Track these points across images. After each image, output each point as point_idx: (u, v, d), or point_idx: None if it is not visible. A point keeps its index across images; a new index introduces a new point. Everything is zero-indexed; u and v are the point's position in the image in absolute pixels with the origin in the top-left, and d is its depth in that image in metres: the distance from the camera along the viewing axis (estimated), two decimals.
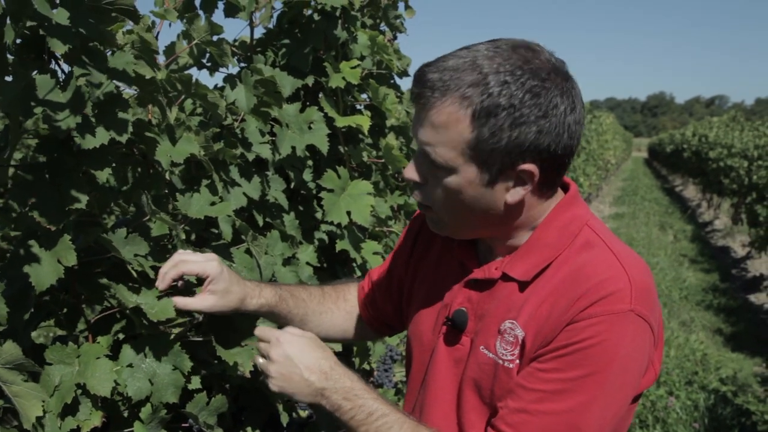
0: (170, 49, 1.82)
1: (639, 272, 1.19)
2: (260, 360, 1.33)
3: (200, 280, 1.44)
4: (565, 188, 1.33)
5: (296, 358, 1.27)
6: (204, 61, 1.94)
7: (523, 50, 1.15)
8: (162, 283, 1.38)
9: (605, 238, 1.24)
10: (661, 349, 1.26)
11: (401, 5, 2.66)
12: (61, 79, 1.26)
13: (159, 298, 1.40)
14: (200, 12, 1.79)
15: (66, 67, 1.30)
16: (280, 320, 1.56)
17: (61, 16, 1.18)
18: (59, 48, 1.17)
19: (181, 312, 1.42)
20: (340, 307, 1.67)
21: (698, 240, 14.10)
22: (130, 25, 1.46)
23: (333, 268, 2.36)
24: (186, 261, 1.40)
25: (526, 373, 1.19)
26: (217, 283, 1.41)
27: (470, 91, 1.12)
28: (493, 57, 1.13)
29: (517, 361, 1.21)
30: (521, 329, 1.21)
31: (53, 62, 1.32)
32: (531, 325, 1.20)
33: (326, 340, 1.65)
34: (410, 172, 1.23)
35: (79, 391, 1.32)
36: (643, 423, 4.96)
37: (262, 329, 1.35)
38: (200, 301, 1.41)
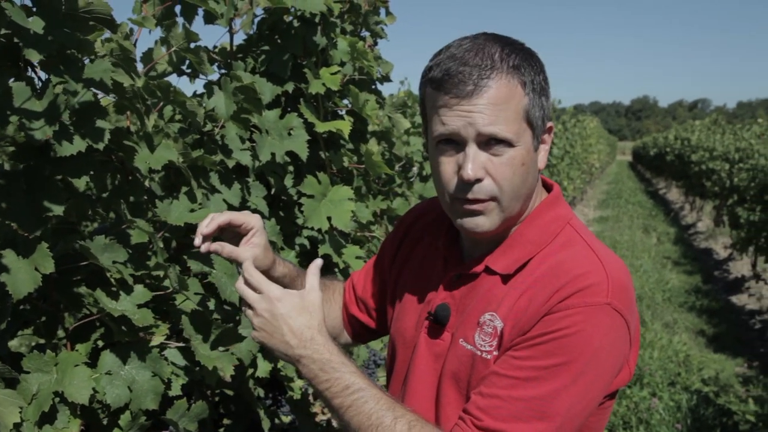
0: (147, 56, 1.82)
1: (617, 270, 1.23)
2: (248, 310, 1.28)
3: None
4: (548, 189, 1.39)
5: (281, 319, 1.25)
6: (184, 68, 1.94)
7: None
8: (208, 228, 1.35)
9: (585, 238, 1.30)
10: (636, 350, 1.29)
11: (382, 11, 2.68)
12: (37, 88, 1.26)
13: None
14: (179, 19, 1.79)
15: (43, 75, 1.31)
16: None
17: (36, 24, 1.18)
18: (34, 56, 1.17)
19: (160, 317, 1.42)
20: (336, 299, 1.69)
21: (681, 242, 14.21)
22: (109, 32, 1.46)
23: None
24: (230, 212, 1.41)
25: (501, 360, 1.22)
26: (261, 236, 1.44)
27: (513, 62, 1.20)
28: (492, 37, 1.24)
29: (495, 352, 1.24)
30: (500, 320, 1.24)
31: (30, 70, 1.32)
32: (510, 316, 1.23)
33: None
34: (472, 171, 1.20)
35: (57, 399, 1.32)
36: (626, 424, 4.99)
37: (257, 277, 1.28)
38: (245, 251, 1.41)
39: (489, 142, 1.20)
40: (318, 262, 1.34)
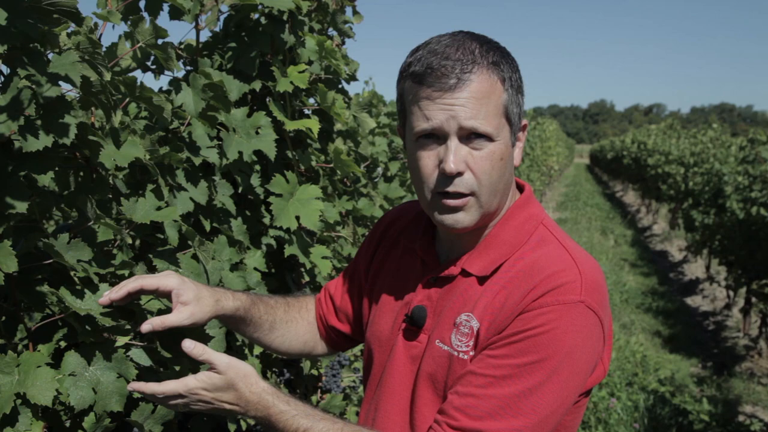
0: (111, 51, 1.78)
1: (590, 268, 1.25)
2: (176, 403, 1.26)
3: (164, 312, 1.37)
4: (520, 189, 1.40)
5: (216, 402, 1.25)
6: (148, 64, 1.91)
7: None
8: (117, 294, 1.31)
9: (559, 237, 1.31)
10: (610, 347, 1.32)
11: (348, 10, 2.67)
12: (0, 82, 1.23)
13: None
14: (144, 14, 1.76)
15: (5, 70, 1.27)
16: (250, 326, 1.53)
17: None
18: None
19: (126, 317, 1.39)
20: (303, 316, 1.66)
21: (638, 244, 14.48)
22: (74, 26, 1.42)
23: (281, 273, 2.35)
24: (143, 276, 1.36)
25: (477, 359, 1.23)
26: (185, 293, 1.36)
27: (492, 58, 1.22)
28: (470, 35, 1.26)
29: (472, 352, 1.25)
30: (476, 320, 1.25)
31: None
32: (486, 315, 1.24)
33: (287, 353, 1.64)
34: (454, 165, 1.21)
35: (19, 401, 1.28)
36: (585, 424, 5.06)
37: (166, 386, 1.23)
38: (177, 315, 1.34)
39: (470, 136, 1.22)
40: (188, 345, 1.25)
